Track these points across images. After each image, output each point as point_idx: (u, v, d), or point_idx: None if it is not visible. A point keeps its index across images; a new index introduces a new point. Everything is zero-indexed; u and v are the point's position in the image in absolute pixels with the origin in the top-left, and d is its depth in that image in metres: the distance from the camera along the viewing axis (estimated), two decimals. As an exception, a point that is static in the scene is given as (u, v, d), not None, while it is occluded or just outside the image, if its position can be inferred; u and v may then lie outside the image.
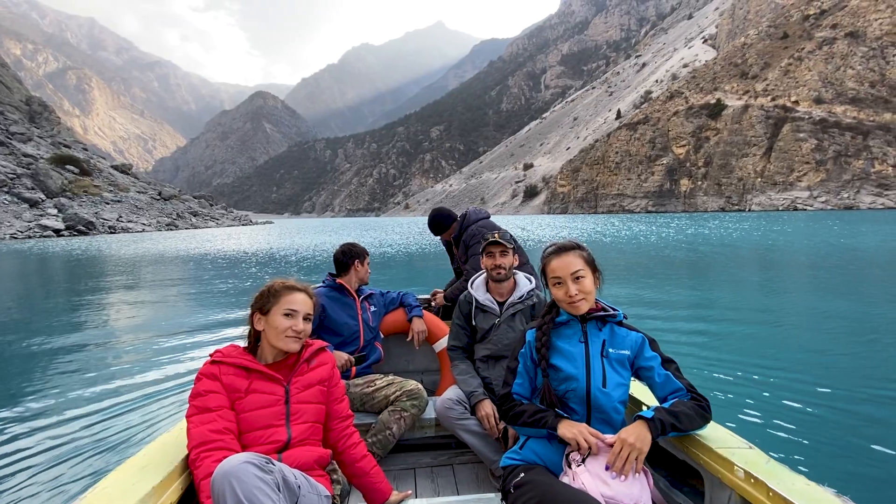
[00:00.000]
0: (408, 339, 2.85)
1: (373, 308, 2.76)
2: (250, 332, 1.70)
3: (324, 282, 2.75)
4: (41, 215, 49.11)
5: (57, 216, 49.57)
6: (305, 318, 1.67)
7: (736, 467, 1.34)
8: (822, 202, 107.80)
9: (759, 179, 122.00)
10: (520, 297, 2.33)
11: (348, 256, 2.73)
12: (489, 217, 3.24)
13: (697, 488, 1.60)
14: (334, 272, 2.79)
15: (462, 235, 3.10)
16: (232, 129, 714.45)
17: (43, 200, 53.17)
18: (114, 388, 4.53)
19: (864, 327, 6.35)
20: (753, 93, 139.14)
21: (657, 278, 11.58)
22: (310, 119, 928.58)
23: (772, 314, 7.40)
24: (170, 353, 5.79)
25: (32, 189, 54.31)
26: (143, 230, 55.71)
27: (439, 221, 3.29)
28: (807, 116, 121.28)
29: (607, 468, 1.40)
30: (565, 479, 1.46)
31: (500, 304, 2.34)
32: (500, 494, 1.59)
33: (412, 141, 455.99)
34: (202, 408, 1.49)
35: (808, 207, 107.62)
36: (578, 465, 1.44)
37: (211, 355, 1.62)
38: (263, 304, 1.66)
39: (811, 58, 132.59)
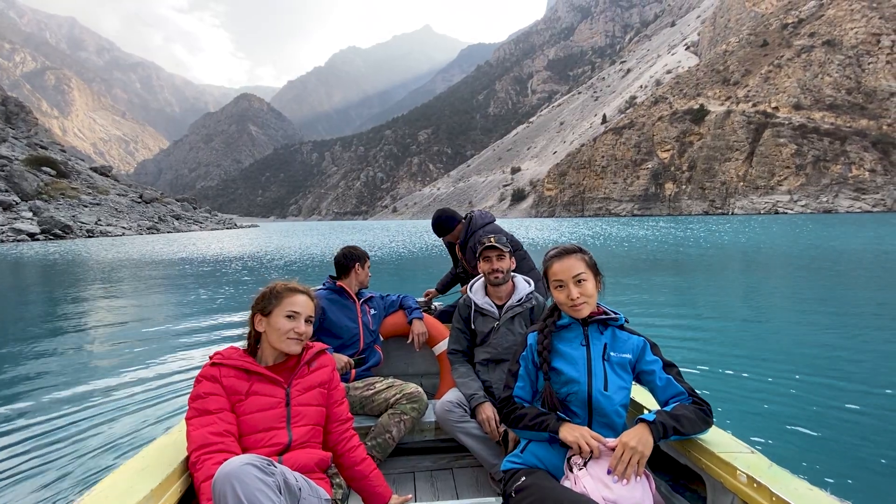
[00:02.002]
0: (408, 342, 2.83)
1: (373, 311, 2.76)
2: (251, 333, 1.67)
3: (324, 284, 2.75)
4: (15, 218, 47.49)
5: (32, 219, 47.98)
6: (307, 321, 1.66)
7: (738, 472, 1.33)
8: (802, 206, 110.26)
9: (742, 183, 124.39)
10: (518, 301, 2.33)
11: (349, 259, 2.74)
12: (494, 221, 3.23)
13: (699, 493, 1.60)
14: (334, 275, 2.79)
15: (468, 240, 3.13)
16: (216, 132, 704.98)
17: (17, 203, 51.51)
18: (111, 391, 4.45)
19: (862, 329, 6.34)
20: (735, 99, 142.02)
21: (652, 281, 11.59)
22: (296, 122, 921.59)
23: (770, 317, 7.42)
24: (166, 356, 5.69)
25: (6, 192, 52.62)
26: (123, 234, 54.29)
27: (443, 223, 3.29)
28: (787, 122, 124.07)
29: (609, 472, 1.39)
30: (567, 483, 1.45)
31: (499, 308, 2.34)
32: (499, 498, 1.57)
33: (400, 144, 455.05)
34: (202, 410, 1.48)
35: (789, 211, 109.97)
36: (580, 469, 1.43)
37: (211, 357, 1.60)
38: (265, 305, 1.63)
39: (790, 65, 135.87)
